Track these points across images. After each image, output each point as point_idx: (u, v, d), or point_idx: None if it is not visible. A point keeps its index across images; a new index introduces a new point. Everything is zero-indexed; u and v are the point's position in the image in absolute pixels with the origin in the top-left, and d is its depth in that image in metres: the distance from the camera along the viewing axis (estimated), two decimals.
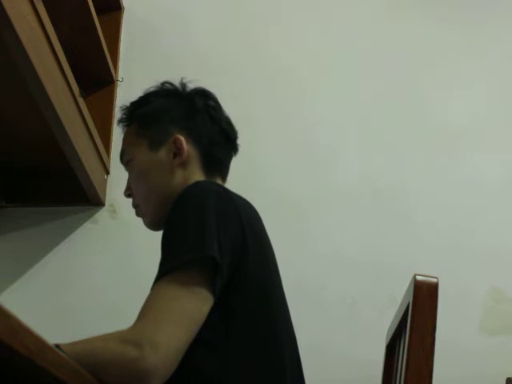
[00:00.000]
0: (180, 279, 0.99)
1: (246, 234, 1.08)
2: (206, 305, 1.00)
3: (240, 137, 1.34)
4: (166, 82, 1.33)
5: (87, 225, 2.21)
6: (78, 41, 2.03)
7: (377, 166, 2.29)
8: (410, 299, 1.08)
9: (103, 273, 2.15)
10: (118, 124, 1.35)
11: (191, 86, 1.32)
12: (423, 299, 1.05)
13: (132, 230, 2.15)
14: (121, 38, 2.42)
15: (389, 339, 1.43)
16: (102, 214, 2.22)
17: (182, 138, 1.24)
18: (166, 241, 1.06)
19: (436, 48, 2.44)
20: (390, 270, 2.13)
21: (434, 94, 2.39)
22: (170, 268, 1.01)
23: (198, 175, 1.24)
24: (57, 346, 0.85)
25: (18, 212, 2.20)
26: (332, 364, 2.03)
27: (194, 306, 0.99)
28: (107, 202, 2.23)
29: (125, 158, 1.30)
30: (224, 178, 1.31)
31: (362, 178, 2.27)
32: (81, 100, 1.85)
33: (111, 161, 2.24)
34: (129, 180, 1.30)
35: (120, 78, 2.35)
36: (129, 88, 2.29)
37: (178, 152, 1.24)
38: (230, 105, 1.35)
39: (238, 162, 1.36)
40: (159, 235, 1.10)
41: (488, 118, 2.36)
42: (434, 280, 1.07)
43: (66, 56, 1.67)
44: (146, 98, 1.32)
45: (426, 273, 1.09)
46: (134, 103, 1.33)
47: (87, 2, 1.94)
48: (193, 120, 1.27)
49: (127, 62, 2.40)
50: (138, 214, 1.30)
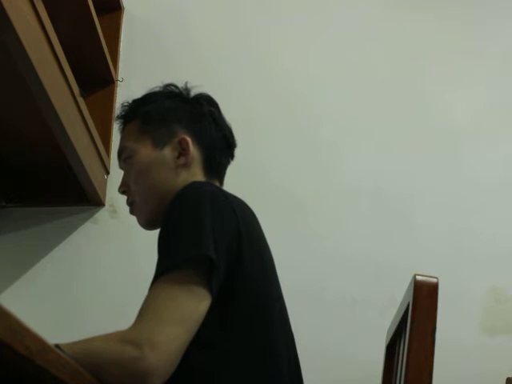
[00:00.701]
0: (177, 278, 1.00)
1: (241, 234, 1.08)
2: (204, 303, 1.00)
3: (242, 135, 1.36)
4: (171, 85, 1.33)
5: (87, 225, 2.21)
6: (78, 41, 2.03)
7: (377, 166, 2.29)
8: (410, 299, 1.08)
9: (103, 273, 2.15)
10: (116, 120, 1.34)
11: (195, 90, 1.33)
12: (423, 299, 1.05)
13: (132, 230, 2.14)
14: (121, 38, 2.42)
15: (389, 339, 1.43)
16: (102, 214, 2.22)
17: (189, 139, 1.25)
18: (163, 240, 1.06)
19: (436, 47, 2.44)
20: (390, 270, 2.13)
21: (434, 94, 2.39)
22: (166, 268, 1.01)
23: (199, 177, 1.25)
24: (57, 346, 0.85)
25: (18, 212, 2.20)
26: (332, 364, 2.03)
27: (192, 304, 0.99)
28: (107, 202, 2.22)
29: (124, 153, 1.29)
30: (221, 182, 1.32)
31: (362, 177, 2.27)
32: (81, 100, 1.85)
33: (111, 161, 2.24)
34: (125, 176, 1.29)
35: (120, 78, 2.35)
36: (129, 88, 2.29)
37: (182, 152, 1.24)
38: (231, 104, 1.36)
39: (240, 160, 1.36)
40: (158, 234, 1.10)
41: (488, 117, 2.36)
42: (434, 280, 1.07)
43: (66, 56, 1.67)
44: (150, 97, 1.31)
45: (426, 273, 1.09)
46: (136, 101, 1.32)
47: (87, 2, 1.94)
48: (199, 123, 1.28)
49: (127, 62, 2.40)
50: (133, 211, 1.29)
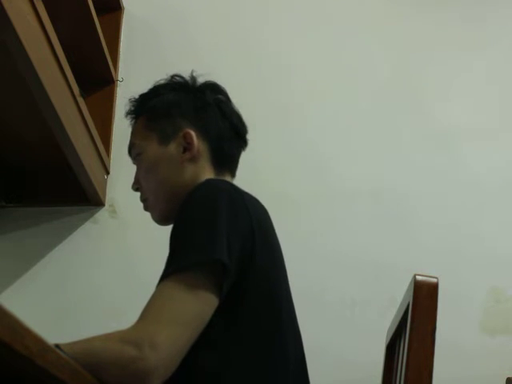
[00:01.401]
0: (186, 281, 0.98)
1: (255, 234, 1.07)
2: (210, 307, 1.00)
3: None
4: (176, 75, 1.31)
5: (87, 225, 2.21)
6: (78, 41, 2.03)
7: (376, 167, 2.29)
8: (410, 299, 1.08)
9: (103, 273, 2.14)
10: (125, 116, 1.33)
11: (201, 79, 1.31)
12: (423, 299, 1.05)
13: (132, 230, 2.15)
14: (121, 38, 2.42)
15: (389, 339, 1.43)
16: (102, 214, 2.22)
17: (193, 133, 1.23)
18: (176, 239, 1.05)
19: (436, 46, 2.44)
20: (390, 271, 2.13)
21: (434, 94, 2.39)
22: (177, 268, 1.00)
23: (207, 170, 1.23)
24: (57, 345, 0.84)
25: (17, 212, 2.20)
26: (332, 364, 2.03)
27: (197, 308, 0.98)
28: (107, 202, 2.22)
29: (133, 151, 1.28)
30: (233, 173, 1.30)
31: (362, 178, 2.27)
32: (81, 100, 1.85)
33: (111, 161, 2.24)
34: (137, 174, 1.29)
35: (120, 78, 2.35)
36: (129, 88, 2.29)
37: (187, 147, 1.22)
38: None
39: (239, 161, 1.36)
40: (159, 235, 1.10)
41: (489, 117, 2.36)
42: (434, 280, 1.07)
43: (66, 56, 1.67)
44: (156, 91, 1.30)
45: (426, 273, 1.09)
46: (143, 95, 1.31)
47: (87, 2, 1.94)
48: (203, 114, 1.26)
49: (127, 62, 2.40)
50: (147, 208, 1.28)
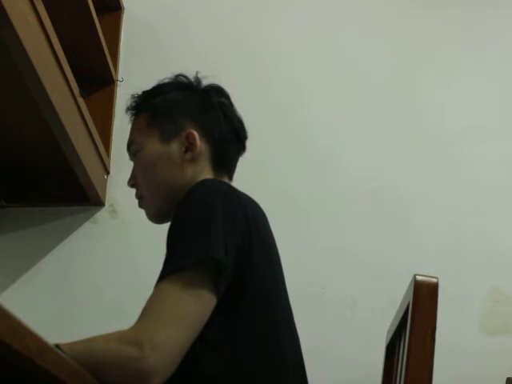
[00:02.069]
0: (184, 280, 0.99)
1: (252, 236, 1.07)
2: (209, 306, 1.00)
3: None
4: (181, 75, 1.31)
5: (87, 225, 2.21)
6: (77, 41, 2.03)
7: (377, 167, 2.29)
8: (410, 299, 1.08)
9: (103, 272, 2.15)
10: (126, 112, 1.32)
11: (205, 81, 1.30)
12: (423, 299, 1.05)
13: (132, 230, 2.15)
14: (121, 38, 2.42)
15: (389, 339, 1.43)
16: (101, 214, 2.22)
17: (196, 133, 1.22)
18: (172, 239, 1.05)
19: (436, 46, 2.44)
20: (390, 271, 2.13)
21: (434, 94, 2.39)
22: (174, 268, 1.00)
23: (207, 172, 1.23)
24: (57, 345, 0.85)
25: (17, 212, 2.20)
26: (332, 365, 2.03)
27: (196, 306, 0.98)
28: (107, 202, 2.22)
29: (133, 147, 1.28)
30: (231, 176, 1.30)
31: (362, 178, 2.27)
32: (81, 100, 1.85)
33: (111, 161, 2.24)
34: (134, 170, 1.28)
35: (120, 78, 2.35)
36: (129, 88, 2.28)
37: (190, 147, 1.22)
38: None
39: (240, 159, 1.36)
40: (159, 235, 1.09)
41: (489, 117, 2.36)
42: (434, 280, 1.07)
43: (66, 56, 1.67)
44: (160, 89, 1.29)
45: (426, 273, 1.09)
46: (146, 92, 1.30)
47: (87, 2, 1.94)
48: (207, 116, 1.25)
49: (127, 62, 2.40)
50: (141, 205, 1.27)
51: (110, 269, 2.15)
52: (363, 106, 2.37)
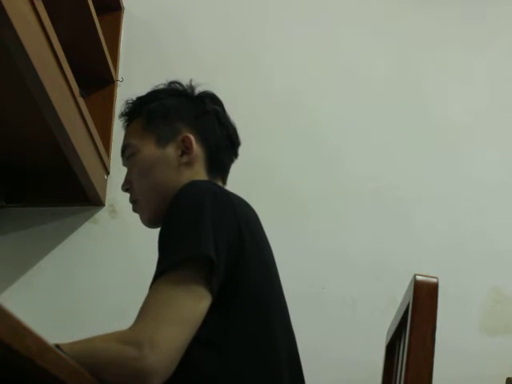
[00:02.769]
0: (177, 278, 0.99)
1: (242, 233, 1.08)
2: (204, 303, 1.00)
3: (243, 135, 1.35)
4: (175, 82, 1.32)
5: (87, 225, 2.21)
6: (77, 41, 2.03)
7: (377, 167, 2.29)
8: (410, 299, 1.08)
9: (103, 272, 2.15)
10: (119, 117, 1.33)
11: (200, 88, 1.32)
12: (423, 299, 1.05)
13: (132, 230, 2.15)
14: (121, 38, 2.42)
15: (389, 339, 1.43)
16: (101, 214, 2.22)
17: (192, 137, 1.24)
18: (163, 240, 1.06)
19: (436, 45, 2.44)
20: (390, 271, 2.13)
21: (435, 92, 2.39)
22: (166, 267, 1.01)
23: (201, 176, 1.24)
24: (57, 345, 0.85)
25: (17, 212, 2.20)
26: (332, 364, 2.03)
27: (192, 304, 0.99)
28: (107, 202, 2.23)
29: (127, 151, 1.28)
30: (224, 181, 1.31)
31: (362, 178, 2.27)
32: (81, 100, 1.85)
33: (111, 161, 2.24)
34: (128, 174, 1.28)
35: (120, 78, 2.35)
36: (129, 88, 2.29)
37: (186, 151, 1.23)
38: (231, 104, 1.35)
39: (241, 159, 1.36)
40: (158, 234, 1.10)
41: (489, 116, 2.36)
42: (434, 280, 1.07)
43: (66, 56, 1.67)
44: (155, 95, 1.30)
45: (426, 273, 1.09)
46: (141, 98, 1.31)
47: (87, 2, 1.95)
48: (202, 121, 1.27)
49: (127, 62, 2.40)
50: (136, 209, 1.28)
51: (110, 269, 2.15)
52: (363, 106, 2.37)
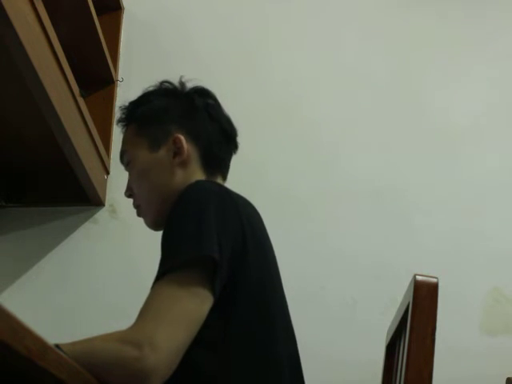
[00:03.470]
0: (179, 279, 0.99)
1: (245, 234, 1.08)
2: (206, 304, 1.00)
3: (242, 135, 1.34)
4: (165, 81, 1.32)
5: (87, 225, 2.21)
6: (78, 41, 2.03)
7: (377, 167, 2.29)
8: (410, 299, 1.08)
9: (103, 273, 2.15)
10: (117, 124, 1.35)
11: (190, 84, 1.32)
12: (423, 299, 1.05)
13: (132, 230, 2.15)
14: (121, 38, 2.42)
15: (389, 339, 1.43)
16: (101, 214, 2.22)
17: (182, 138, 1.23)
18: (166, 241, 1.06)
19: (436, 46, 2.44)
20: (390, 271, 2.13)
21: (434, 93, 2.39)
22: (169, 268, 1.01)
23: (198, 174, 1.24)
24: (57, 345, 0.85)
25: (18, 212, 2.20)
26: (332, 364, 2.03)
27: (193, 305, 0.99)
28: (107, 202, 2.23)
29: (125, 158, 1.30)
30: (224, 176, 1.31)
31: (362, 178, 2.27)
32: (81, 100, 1.85)
33: (111, 161, 2.24)
34: (129, 180, 1.30)
35: (120, 78, 2.35)
36: (129, 88, 2.29)
37: (177, 151, 1.23)
38: (230, 104, 1.35)
39: (240, 160, 1.36)
40: (159, 235, 1.10)
41: (489, 117, 2.36)
42: (434, 280, 1.07)
43: (66, 56, 1.67)
44: (145, 98, 1.31)
45: (426, 273, 1.09)
46: (133, 103, 1.32)
47: (87, 2, 1.94)
48: (192, 119, 1.27)
49: (127, 62, 2.40)
50: (140, 214, 1.29)
51: (110, 269, 2.15)
52: (363, 106, 2.37)
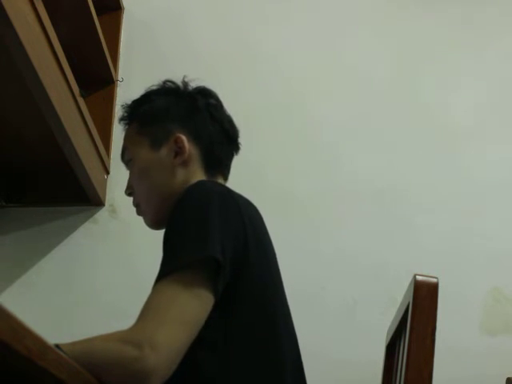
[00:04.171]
0: (181, 280, 0.99)
1: (247, 235, 1.08)
2: (207, 306, 1.00)
3: (242, 135, 1.34)
4: (168, 81, 1.32)
5: (87, 225, 2.21)
6: (78, 41, 2.03)
7: (377, 167, 2.29)
8: (410, 299, 1.08)
9: (103, 273, 2.15)
10: (119, 122, 1.35)
11: (193, 84, 1.32)
12: (423, 299, 1.05)
13: (132, 230, 2.15)
14: (121, 38, 2.42)
15: (389, 339, 1.43)
16: (101, 214, 2.22)
17: (184, 137, 1.24)
18: (168, 241, 1.06)
19: (436, 46, 2.44)
20: (391, 271, 2.13)
21: (435, 94, 2.39)
22: (171, 268, 1.00)
23: (199, 174, 1.24)
24: (57, 345, 0.85)
25: (18, 212, 2.20)
26: (332, 364, 2.03)
27: (194, 306, 0.99)
28: (107, 202, 2.23)
29: (126, 156, 1.30)
30: (225, 177, 1.31)
31: (362, 178, 2.27)
32: (81, 100, 1.85)
33: (111, 161, 2.24)
34: (130, 179, 1.30)
35: (120, 78, 2.35)
36: (129, 88, 2.29)
37: (179, 151, 1.23)
38: (230, 104, 1.35)
39: (240, 160, 1.36)
40: (159, 235, 1.10)
41: (489, 117, 2.36)
42: (434, 280, 1.07)
43: (66, 56, 1.67)
44: (148, 97, 1.31)
45: (426, 273, 1.09)
46: (135, 101, 1.32)
47: (87, 2, 1.94)
48: (194, 119, 1.27)
49: (127, 62, 2.40)
50: (139, 213, 1.29)
51: (110, 269, 2.15)
52: (363, 106, 2.37)
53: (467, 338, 2.08)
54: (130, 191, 1.30)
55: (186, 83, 1.32)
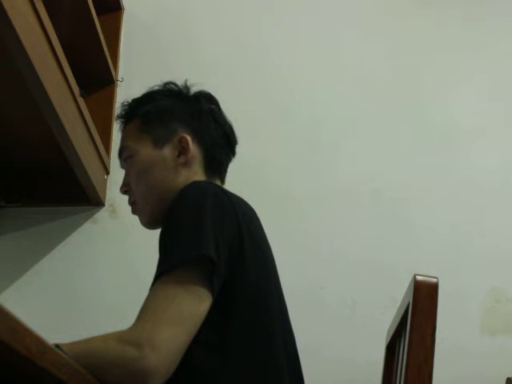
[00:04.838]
0: (178, 279, 1.00)
1: (242, 234, 1.08)
2: (205, 304, 1.01)
3: (243, 135, 1.35)
4: (170, 83, 1.33)
5: (87, 225, 2.21)
6: (78, 41, 2.03)
7: (377, 166, 2.29)
8: (410, 299, 1.08)
9: (103, 272, 2.15)
10: (116, 119, 1.34)
11: (195, 88, 1.33)
12: (423, 299, 1.05)
13: (132, 230, 2.15)
14: (121, 38, 2.42)
15: (389, 339, 1.43)
16: (101, 214, 2.22)
17: (188, 138, 1.24)
18: (164, 241, 1.06)
19: (436, 46, 2.44)
20: (390, 271, 2.13)
21: (435, 94, 2.39)
22: (167, 268, 1.01)
23: (199, 176, 1.24)
24: (57, 345, 0.85)
25: (18, 212, 2.20)
26: (332, 364, 2.03)
27: (192, 305, 0.99)
28: (107, 202, 2.22)
29: (125, 153, 1.29)
30: (223, 180, 1.32)
31: (361, 178, 2.27)
32: (81, 100, 1.85)
33: (111, 161, 2.24)
34: (126, 176, 1.29)
35: (120, 78, 2.35)
36: (129, 88, 2.29)
37: (182, 151, 1.24)
38: (229, 105, 1.35)
39: (241, 160, 1.36)
40: (159, 235, 1.10)
41: (489, 117, 2.36)
42: (434, 280, 1.07)
43: (66, 56, 1.67)
44: (150, 96, 1.31)
45: (426, 273, 1.09)
46: (136, 100, 1.32)
47: (87, 2, 1.94)
48: (198, 121, 1.28)
49: (127, 61, 2.40)
50: (135, 211, 1.29)
51: (110, 269, 2.15)
52: (363, 106, 2.37)
53: (467, 338, 2.08)
54: (125, 189, 1.29)
55: (188, 87, 1.32)
